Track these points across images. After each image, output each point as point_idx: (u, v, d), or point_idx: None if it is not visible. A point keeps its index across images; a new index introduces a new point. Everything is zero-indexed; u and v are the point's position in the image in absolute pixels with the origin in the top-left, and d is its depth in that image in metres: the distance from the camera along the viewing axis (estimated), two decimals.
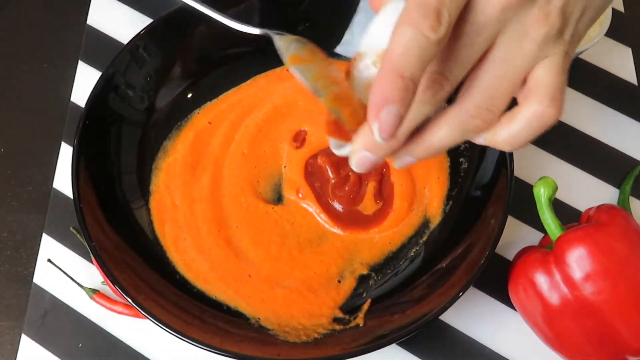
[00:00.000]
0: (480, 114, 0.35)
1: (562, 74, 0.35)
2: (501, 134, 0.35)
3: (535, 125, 0.35)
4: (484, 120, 0.35)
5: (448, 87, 0.34)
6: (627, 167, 0.60)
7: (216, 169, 0.58)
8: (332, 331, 0.51)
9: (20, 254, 0.57)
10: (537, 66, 0.35)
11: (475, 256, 0.49)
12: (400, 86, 0.31)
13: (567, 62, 0.35)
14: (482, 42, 0.34)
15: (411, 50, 0.31)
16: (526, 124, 0.35)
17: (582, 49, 0.59)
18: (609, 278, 0.45)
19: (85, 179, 0.52)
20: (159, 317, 0.47)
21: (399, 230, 0.55)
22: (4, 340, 0.54)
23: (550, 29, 0.34)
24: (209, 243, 0.55)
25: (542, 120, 0.34)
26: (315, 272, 0.54)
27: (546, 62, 0.34)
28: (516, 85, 0.35)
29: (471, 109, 0.35)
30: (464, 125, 0.35)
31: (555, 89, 0.34)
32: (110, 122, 0.56)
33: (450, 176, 0.57)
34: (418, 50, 0.31)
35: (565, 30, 0.34)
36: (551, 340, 0.49)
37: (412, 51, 0.31)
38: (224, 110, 0.60)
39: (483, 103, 0.35)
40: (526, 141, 0.36)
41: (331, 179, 0.57)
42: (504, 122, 0.35)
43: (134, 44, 0.57)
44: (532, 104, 0.34)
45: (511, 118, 0.35)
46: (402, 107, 0.32)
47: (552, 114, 0.34)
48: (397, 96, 0.31)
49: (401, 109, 0.32)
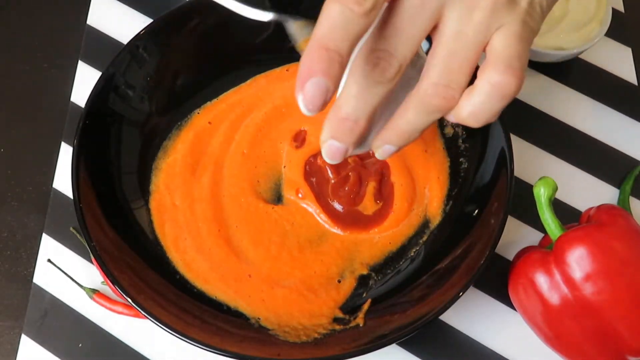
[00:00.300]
0: (440, 92, 0.34)
1: (519, 41, 0.34)
2: (464, 109, 0.35)
3: (495, 95, 0.34)
4: (444, 98, 0.34)
5: (396, 63, 0.33)
6: (627, 167, 0.60)
7: (216, 169, 0.58)
8: (332, 331, 0.51)
9: (20, 254, 0.57)
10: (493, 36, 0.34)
11: (475, 256, 0.49)
12: (324, 58, 0.31)
13: (525, 31, 0.34)
14: (426, 16, 0.33)
15: (336, 24, 0.31)
16: (486, 96, 0.34)
17: (582, 49, 0.59)
18: (609, 278, 0.45)
19: (85, 179, 0.52)
20: (159, 317, 0.47)
21: (399, 230, 0.55)
22: (4, 340, 0.54)
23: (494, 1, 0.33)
24: (209, 243, 0.55)
25: (502, 90, 0.33)
26: (316, 272, 0.54)
27: (501, 30, 0.34)
28: (472, 59, 0.34)
29: (429, 88, 0.34)
30: (427, 105, 0.35)
31: (510, 57, 0.33)
32: (110, 122, 0.56)
33: (450, 176, 0.57)
34: (343, 24, 0.31)
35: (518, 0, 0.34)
36: (551, 340, 0.49)
37: (337, 25, 0.31)
38: (224, 110, 0.60)
39: (440, 80, 0.34)
40: (490, 114, 0.35)
41: (331, 179, 0.57)
42: (465, 97, 0.34)
43: (134, 44, 0.57)
44: (488, 74, 0.34)
45: (471, 91, 0.34)
46: (327, 79, 0.31)
47: (509, 81, 0.33)
48: (321, 68, 0.31)
49: (327, 81, 0.31)
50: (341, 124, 0.35)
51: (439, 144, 0.58)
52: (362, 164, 0.57)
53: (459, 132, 0.58)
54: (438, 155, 0.58)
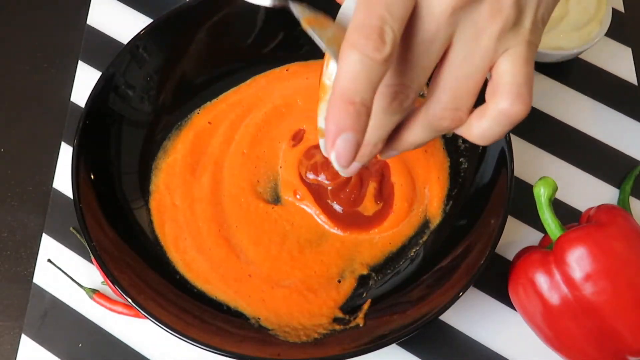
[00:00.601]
0: (448, 115, 0.35)
1: (526, 65, 0.34)
2: (474, 131, 0.35)
3: (505, 121, 0.34)
4: (453, 120, 0.35)
5: (413, 94, 0.34)
6: (627, 167, 0.60)
7: (216, 168, 0.58)
8: (332, 331, 0.51)
9: (20, 254, 0.57)
10: (500, 59, 0.34)
11: (475, 256, 0.49)
12: (352, 113, 0.31)
13: (530, 50, 0.34)
14: (438, 47, 0.33)
15: (359, 75, 0.31)
16: (495, 122, 0.34)
17: (582, 49, 0.59)
18: (609, 278, 0.45)
19: (85, 179, 0.52)
20: (159, 317, 0.47)
21: (399, 230, 0.55)
22: (4, 340, 0.54)
23: (505, 22, 0.33)
24: (209, 243, 0.55)
25: (510, 117, 0.34)
26: (316, 272, 0.54)
27: (509, 54, 0.34)
28: (479, 82, 0.34)
29: (438, 112, 0.35)
30: (435, 126, 0.35)
31: (520, 84, 0.34)
32: (110, 122, 0.56)
33: (450, 176, 0.57)
34: (365, 74, 0.31)
35: (522, 19, 0.34)
36: (551, 341, 0.49)
37: (359, 75, 0.31)
38: (223, 110, 0.60)
39: (449, 104, 0.34)
40: (499, 136, 0.35)
41: (327, 185, 0.56)
42: (474, 120, 0.35)
43: (134, 44, 0.57)
44: (498, 102, 0.34)
45: (480, 116, 0.35)
46: (357, 133, 0.31)
47: (519, 109, 0.34)
48: (350, 124, 0.31)
49: (357, 135, 0.31)
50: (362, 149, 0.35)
51: (439, 144, 0.58)
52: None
53: None
54: (438, 155, 0.58)
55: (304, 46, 0.61)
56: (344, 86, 0.31)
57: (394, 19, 0.31)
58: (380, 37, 0.30)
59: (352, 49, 0.31)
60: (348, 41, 0.31)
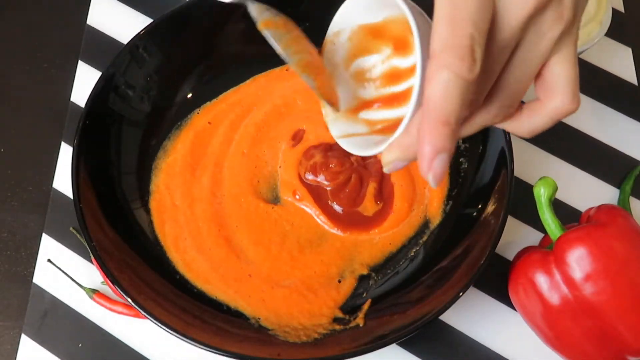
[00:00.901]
0: (502, 113, 0.36)
1: (576, 65, 0.36)
2: (524, 127, 0.37)
3: (557, 118, 0.36)
4: (505, 116, 0.36)
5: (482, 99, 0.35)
6: (627, 167, 0.60)
7: (216, 168, 0.58)
8: (332, 331, 0.51)
9: (20, 254, 0.57)
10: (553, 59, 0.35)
11: (475, 256, 0.49)
12: (448, 134, 0.31)
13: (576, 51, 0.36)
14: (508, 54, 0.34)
15: (453, 96, 0.31)
16: (549, 118, 0.36)
17: (582, 49, 0.59)
18: (609, 278, 0.45)
19: (85, 179, 0.52)
20: (159, 317, 0.47)
21: (399, 230, 0.55)
22: (4, 340, 0.54)
23: (564, 26, 0.34)
24: (209, 243, 0.55)
25: (565, 113, 0.36)
26: (316, 272, 0.54)
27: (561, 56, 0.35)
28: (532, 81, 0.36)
29: (494, 110, 0.36)
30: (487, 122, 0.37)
31: (575, 84, 0.36)
32: (110, 122, 0.56)
33: (450, 176, 0.57)
34: (459, 94, 0.31)
35: (575, 22, 0.35)
36: (551, 340, 0.49)
37: (453, 96, 0.31)
38: (223, 110, 0.60)
39: (506, 102, 0.36)
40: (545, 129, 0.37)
41: (327, 186, 0.56)
42: (525, 117, 0.37)
43: (134, 44, 0.57)
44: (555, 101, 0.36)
45: (534, 113, 0.37)
46: (451, 151, 0.32)
47: (574, 107, 0.36)
48: (447, 145, 0.32)
49: (451, 152, 0.32)
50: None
51: None
52: (363, 165, 0.57)
53: None
54: None
55: None
56: (439, 107, 0.31)
57: (480, 35, 0.31)
58: (472, 57, 0.31)
59: (444, 70, 0.31)
60: (440, 62, 0.31)
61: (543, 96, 0.36)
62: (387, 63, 0.43)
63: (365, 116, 0.44)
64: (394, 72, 0.43)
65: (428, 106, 0.31)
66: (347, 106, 0.44)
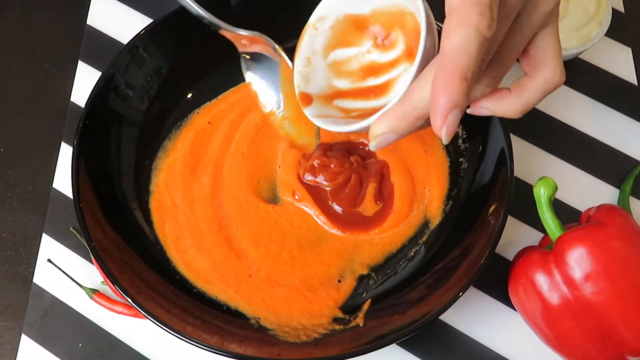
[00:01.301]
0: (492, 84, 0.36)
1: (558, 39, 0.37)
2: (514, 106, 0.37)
3: (548, 90, 0.37)
4: (493, 87, 0.37)
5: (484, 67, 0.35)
6: (627, 167, 0.60)
7: (216, 168, 0.58)
8: (332, 331, 0.51)
9: (20, 254, 0.57)
10: (539, 34, 0.36)
11: (475, 256, 0.49)
12: (464, 88, 0.32)
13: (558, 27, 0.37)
14: (510, 22, 0.35)
15: (472, 50, 0.31)
16: (541, 91, 0.37)
17: (581, 49, 0.59)
18: (609, 278, 0.45)
19: (85, 179, 0.52)
20: (159, 317, 0.47)
21: (399, 231, 0.55)
22: (4, 340, 0.54)
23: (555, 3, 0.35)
24: (210, 243, 0.55)
25: (554, 85, 0.37)
26: (316, 272, 0.54)
27: (547, 31, 0.36)
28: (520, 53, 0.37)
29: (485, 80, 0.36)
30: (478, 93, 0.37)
31: (560, 57, 0.37)
32: (110, 122, 0.56)
33: (450, 176, 0.57)
34: (477, 49, 0.31)
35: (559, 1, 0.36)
36: (551, 340, 0.49)
37: (472, 51, 0.31)
38: (223, 110, 0.60)
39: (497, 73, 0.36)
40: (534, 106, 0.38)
41: (326, 186, 0.56)
42: (515, 94, 0.37)
43: (134, 44, 0.57)
44: (545, 73, 0.36)
45: (524, 89, 0.37)
46: (464, 108, 0.32)
47: (562, 78, 0.37)
48: (462, 99, 0.32)
49: (463, 109, 0.32)
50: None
51: (438, 144, 0.58)
52: (363, 164, 0.57)
53: (458, 132, 0.58)
54: (438, 155, 0.58)
55: None
56: (459, 62, 0.31)
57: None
58: (491, 14, 0.31)
59: (467, 26, 0.31)
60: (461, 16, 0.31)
61: (531, 70, 0.37)
62: (367, 57, 0.44)
63: (340, 104, 0.44)
64: (373, 66, 0.43)
65: (447, 60, 0.32)
66: (321, 92, 0.44)
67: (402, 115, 0.35)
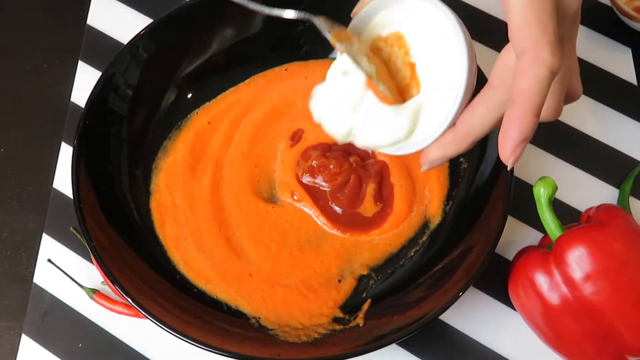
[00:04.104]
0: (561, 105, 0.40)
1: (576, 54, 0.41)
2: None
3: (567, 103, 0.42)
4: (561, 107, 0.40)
5: None
6: (627, 167, 0.60)
7: (216, 168, 0.58)
8: (332, 331, 0.51)
9: (20, 254, 0.57)
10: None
11: (475, 256, 0.49)
12: (535, 123, 0.35)
13: None
14: None
15: (544, 88, 0.34)
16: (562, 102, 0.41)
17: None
18: (609, 278, 0.45)
19: (85, 179, 0.52)
20: (159, 317, 0.47)
21: (399, 231, 0.55)
22: (4, 340, 0.54)
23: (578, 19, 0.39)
24: (210, 242, 0.55)
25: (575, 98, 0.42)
26: (316, 272, 0.54)
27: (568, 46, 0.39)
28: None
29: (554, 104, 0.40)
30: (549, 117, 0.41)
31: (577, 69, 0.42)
32: (110, 122, 0.56)
33: (450, 176, 0.57)
34: (547, 87, 0.34)
35: None
36: (551, 340, 0.49)
37: (544, 89, 0.34)
38: (223, 110, 0.60)
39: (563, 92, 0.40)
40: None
41: (325, 187, 0.56)
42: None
43: (134, 44, 0.57)
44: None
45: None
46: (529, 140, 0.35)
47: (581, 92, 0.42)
48: (531, 132, 0.35)
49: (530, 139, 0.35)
50: None
51: None
52: (362, 165, 0.57)
53: None
54: None
55: (302, 46, 0.61)
56: (534, 100, 0.34)
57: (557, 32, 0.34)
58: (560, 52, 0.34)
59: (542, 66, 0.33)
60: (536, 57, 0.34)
61: None
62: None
63: None
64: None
65: (522, 97, 0.34)
66: None
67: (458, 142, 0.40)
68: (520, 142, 0.35)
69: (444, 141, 0.41)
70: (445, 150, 0.41)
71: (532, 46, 0.33)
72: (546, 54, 0.33)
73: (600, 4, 0.68)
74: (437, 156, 0.41)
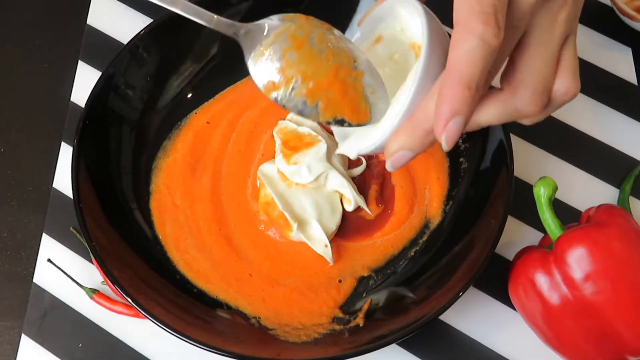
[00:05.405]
0: (538, 99, 0.36)
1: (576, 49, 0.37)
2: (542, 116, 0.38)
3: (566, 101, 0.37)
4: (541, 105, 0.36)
5: (492, 79, 0.36)
6: (627, 167, 0.60)
7: (216, 168, 0.58)
8: (332, 331, 0.51)
9: (20, 254, 0.57)
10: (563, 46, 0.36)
11: (475, 256, 0.49)
12: (467, 98, 0.32)
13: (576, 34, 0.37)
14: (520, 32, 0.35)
15: (476, 60, 0.32)
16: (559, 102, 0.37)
17: None
18: (609, 278, 0.45)
19: (85, 179, 0.52)
20: (159, 317, 0.47)
21: (400, 233, 0.55)
22: (4, 340, 0.54)
23: (570, 8, 0.35)
24: (210, 242, 0.55)
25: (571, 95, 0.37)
26: (316, 272, 0.54)
27: (569, 40, 0.36)
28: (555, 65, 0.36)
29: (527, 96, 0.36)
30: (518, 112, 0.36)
31: (576, 67, 0.37)
32: (110, 122, 0.56)
33: (450, 176, 0.57)
34: (483, 59, 0.32)
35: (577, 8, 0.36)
36: (551, 340, 0.49)
37: (477, 61, 0.32)
38: (221, 109, 0.60)
39: (540, 87, 0.36)
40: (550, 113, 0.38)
41: None
42: None
43: (134, 44, 0.57)
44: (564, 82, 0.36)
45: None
46: (466, 117, 0.33)
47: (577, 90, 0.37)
48: (465, 108, 0.33)
49: (465, 119, 0.33)
50: None
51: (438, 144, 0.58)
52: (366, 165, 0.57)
53: None
54: (438, 156, 0.58)
55: None
56: (462, 71, 0.32)
57: (501, 5, 0.32)
58: (496, 24, 0.32)
59: (471, 35, 0.32)
60: (466, 27, 0.32)
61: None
62: None
63: None
64: None
65: (451, 69, 0.32)
66: None
67: (413, 129, 0.36)
68: (450, 117, 0.33)
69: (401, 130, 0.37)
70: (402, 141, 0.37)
71: (464, 16, 0.32)
72: (477, 23, 0.32)
73: (600, 4, 0.68)
74: (394, 147, 0.37)
